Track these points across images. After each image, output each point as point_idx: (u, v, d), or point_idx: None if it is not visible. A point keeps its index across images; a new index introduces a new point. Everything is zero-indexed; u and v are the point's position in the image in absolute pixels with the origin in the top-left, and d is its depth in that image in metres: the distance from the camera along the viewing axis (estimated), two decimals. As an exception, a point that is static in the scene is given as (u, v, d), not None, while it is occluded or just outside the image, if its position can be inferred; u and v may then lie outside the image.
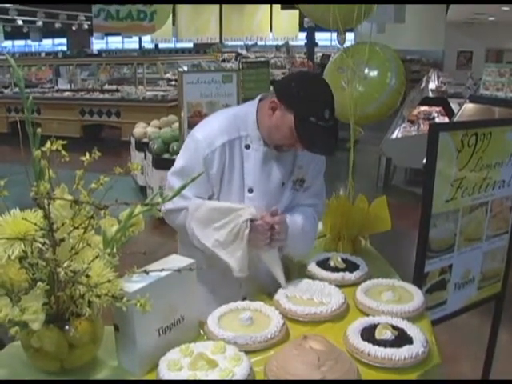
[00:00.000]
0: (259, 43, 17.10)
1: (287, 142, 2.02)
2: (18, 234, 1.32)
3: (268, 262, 2.07)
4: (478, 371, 3.03)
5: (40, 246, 1.37)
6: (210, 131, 2.07)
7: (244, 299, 2.07)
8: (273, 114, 2.00)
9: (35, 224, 1.32)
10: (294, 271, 2.30)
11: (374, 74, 2.61)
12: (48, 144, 1.41)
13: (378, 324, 1.73)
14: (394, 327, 1.72)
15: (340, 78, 2.61)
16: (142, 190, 7.68)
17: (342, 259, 2.27)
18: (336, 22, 2.54)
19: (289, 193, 2.18)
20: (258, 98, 2.14)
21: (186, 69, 11.98)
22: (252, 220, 1.95)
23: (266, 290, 2.13)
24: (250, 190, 2.09)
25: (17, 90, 12.60)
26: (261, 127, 2.07)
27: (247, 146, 2.08)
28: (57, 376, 1.52)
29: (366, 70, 2.60)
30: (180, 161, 2.13)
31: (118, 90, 12.37)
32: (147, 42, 20.40)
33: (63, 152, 1.41)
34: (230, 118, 2.11)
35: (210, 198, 2.10)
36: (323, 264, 2.25)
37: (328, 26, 2.59)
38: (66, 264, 1.37)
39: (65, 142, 1.42)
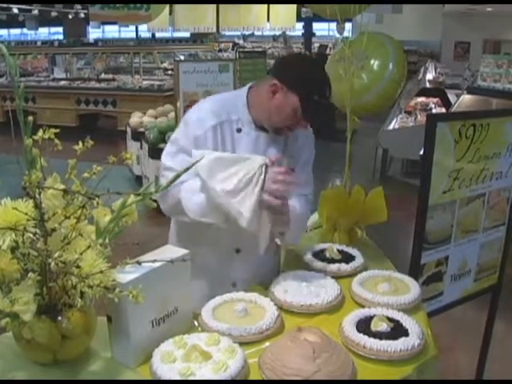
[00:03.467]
0: (256, 33, 17.01)
1: (289, 123, 2.02)
2: (9, 223, 1.30)
3: (262, 221, 1.97)
4: (474, 362, 3.03)
5: (31, 236, 1.35)
6: (200, 113, 2.07)
7: (234, 285, 2.13)
8: (273, 97, 1.99)
9: (26, 214, 1.30)
10: (290, 262, 2.29)
11: (373, 64, 2.59)
12: (40, 132, 1.39)
13: (374, 316, 1.73)
14: (390, 319, 1.71)
15: (338, 68, 2.59)
16: (138, 180, 7.66)
17: (338, 250, 2.27)
18: (334, 13, 2.52)
19: None
20: (248, 86, 2.15)
21: (182, 58, 11.92)
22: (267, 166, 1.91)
23: (256, 279, 2.12)
24: None
25: (12, 78, 12.53)
26: (256, 111, 2.07)
27: (239, 130, 2.08)
28: (50, 367, 1.51)
29: (372, 61, 2.57)
30: (172, 142, 2.13)
31: (114, 80, 12.31)
32: (144, 31, 20.29)
33: (56, 141, 1.39)
34: (221, 102, 2.13)
35: None
36: (319, 255, 2.25)
37: (326, 16, 2.57)
38: (57, 254, 1.35)
39: (57, 131, 1.40)
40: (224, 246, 2.13)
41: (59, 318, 1.43)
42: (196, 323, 1.76)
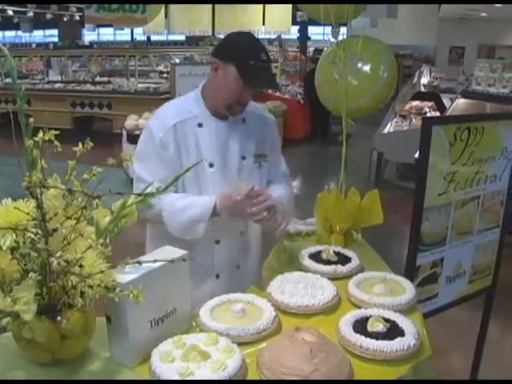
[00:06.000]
0: (252, 36, 16.99)
1: (236, 96, 2.13)
2: (10, 223, 1.31)
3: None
4: (468, 363, 3.05)
5: (32, 236, 1.35)
6: (161, 117, 2.21)
7: (217, 277, 2.27)
8: (216, 74, 2.14)
9: (27, 214, 1.31)
10: (287, 264, 2.30)
11: (366, 66, 2.59)
12: (40, 134, 1.40)
13: (370, 316, 1.74)
14: (386, 320, 1.72)
15: (332, 71, 2.59)
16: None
17: (334, 252, 2.28)
18: (328, 16, 2.52)
19: (251, 167, 2.28)
20: (200, 86, 2.29)
21: (178, 61, 11.93)
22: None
23: (234, 263, 2.33)
24: (211, 165, 2.19)
25: (8, 80, 12.50)
26: (209, 97, 2.21)
27: (200, 125, 2.19)
28: (49, 367, 1.51)
29: (359, 64, 2.58)
30: (138, 146, 2.23)
31: (109, 82, 12.32)
32: (139, 34, 20.22)
33: (56, 142, 1.40)
34: (178, 104, 2.29)
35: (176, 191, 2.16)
36: (315, 257, 2.26)
37: (320, 19, 2.58)
38: (58, 254, 1.36)
39: (57, 132, 1.41)
40: (205, 238, 2.18)
41: (59, 317, 1.44)
42: (194, 323, 1.77)
